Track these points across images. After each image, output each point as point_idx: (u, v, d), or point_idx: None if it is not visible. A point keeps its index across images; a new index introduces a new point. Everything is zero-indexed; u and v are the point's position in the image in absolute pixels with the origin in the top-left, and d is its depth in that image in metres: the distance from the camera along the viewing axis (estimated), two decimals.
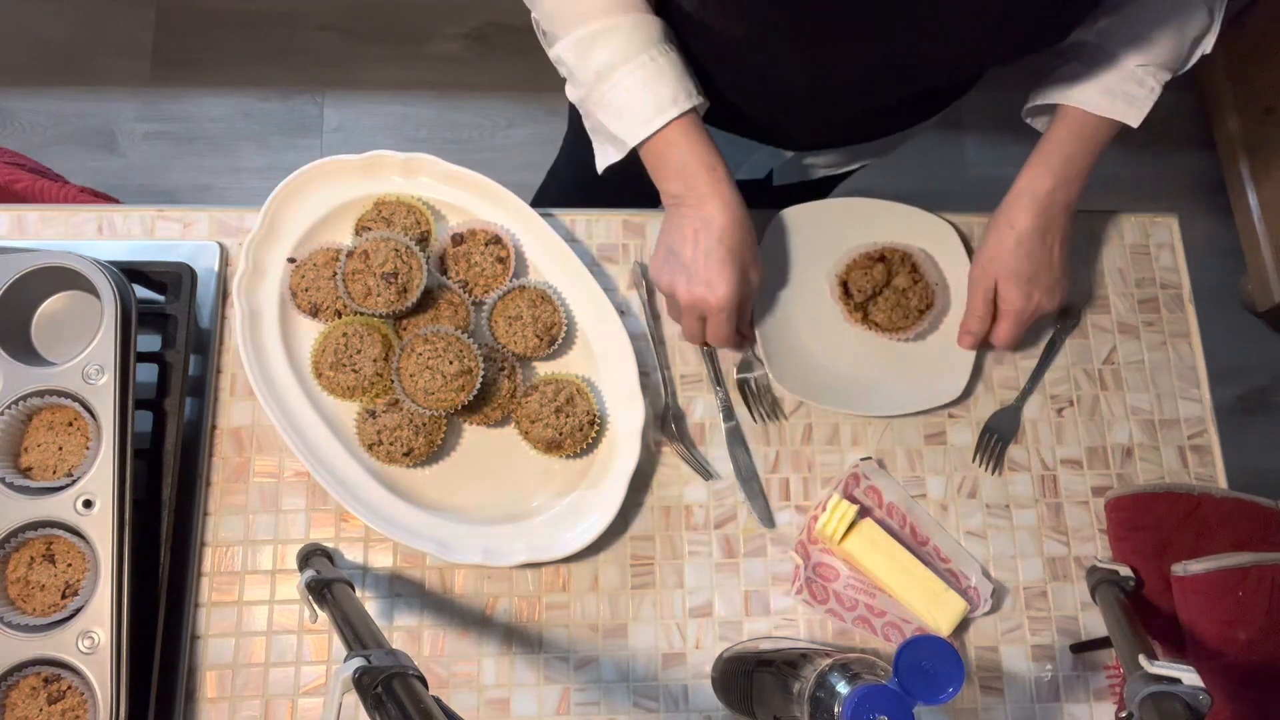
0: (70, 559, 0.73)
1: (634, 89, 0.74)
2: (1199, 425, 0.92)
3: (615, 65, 0.74)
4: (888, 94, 0.86)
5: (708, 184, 0.76)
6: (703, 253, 0.77)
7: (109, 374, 0.73)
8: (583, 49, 0.75)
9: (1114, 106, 0.79)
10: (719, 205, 0.76)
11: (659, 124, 0.74)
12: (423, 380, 0.78)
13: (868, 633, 0.82)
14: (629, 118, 0.75)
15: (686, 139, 0.75)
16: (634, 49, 0.74)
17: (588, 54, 0.75)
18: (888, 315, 0.88)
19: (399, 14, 2.04)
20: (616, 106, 0.75)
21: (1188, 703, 0.58)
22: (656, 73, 0.74)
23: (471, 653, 0.80)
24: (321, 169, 0.85)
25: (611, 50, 0.74)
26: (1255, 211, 2.01)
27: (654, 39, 0.75)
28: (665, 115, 0.74)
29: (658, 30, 0.75)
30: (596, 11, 0.74)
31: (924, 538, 0.85)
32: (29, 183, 1.09)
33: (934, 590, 0.81)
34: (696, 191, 0.76)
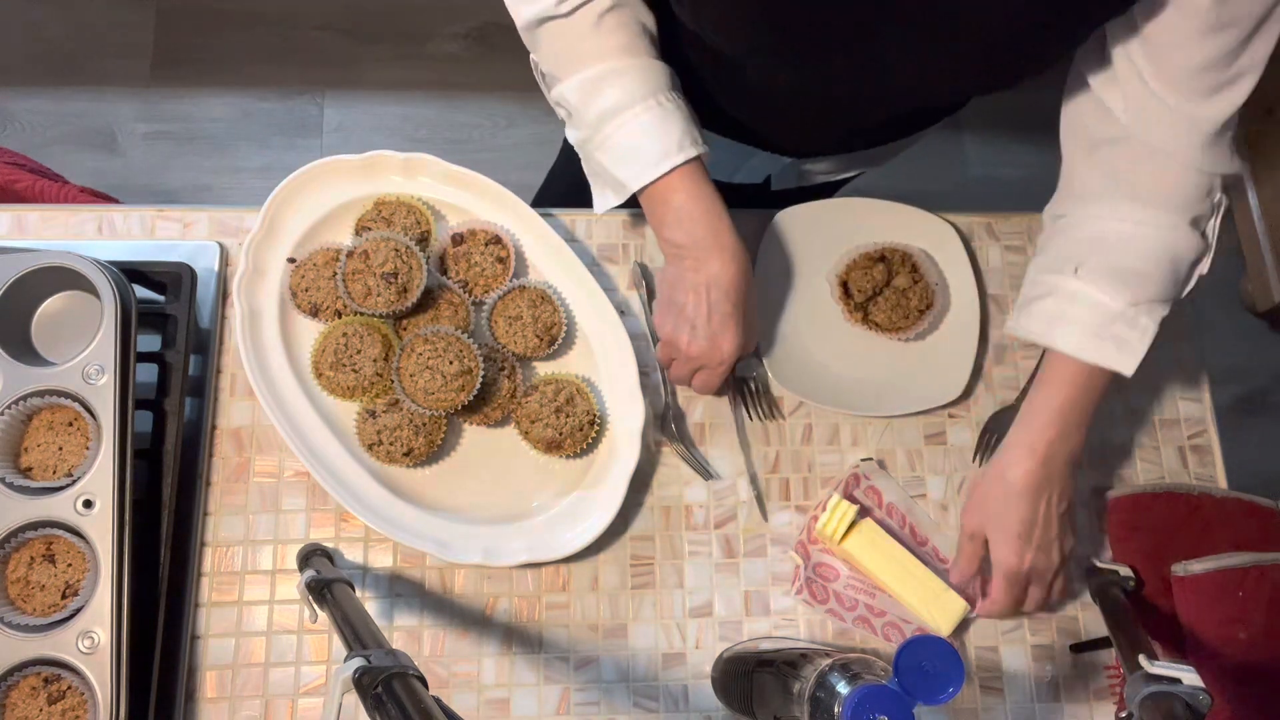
0: (70, 559, 0.73)
1: (640, 133, 0.73)
2: (1199, 425, 0.92)
3: (622, 108, 0.73)
4: (880, 111, 0.86)
5: (711, 235, 0.75)
6: (707, 307, 0.76)
7: (109, 374, 0.73)
8: (588, 90, 0.74)
9: (1103, 352, 0.73)
10: (724, 260, 0.75)
11: (664, 169, 0.73)
12: (423, 380, 0.78)
13: (868, 632, 0.82)
14: (633, 162, 0.74)
15: (691, 186, 0.74)
16: (642, 93, 0.73)
17: (593, 96, 0.73)
18: (888, 315, 0.88)
19: (399, 14, 2.04)
20: (621, 150, 0.74)
21: (1188, 703, 0.58)
22: (663, 117, 0.73)
23: (471, 653, 0.80)
24: (321, 169, 0.85)
25: (618, 93, 0.73)
26: (1255, 211, 2.01)
27: (662, 85, 0.74)
28: (671, 161, 0.73)
29: (665, 77, 0.75)
30: (604, 54, 0.73)
31: (923, 538, 0.85)
32: (29, 183, 1.09)
33: (934, 590, 0.81)
34: (701, 244, 0.75)
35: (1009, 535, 0.77)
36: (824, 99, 0.82)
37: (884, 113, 0.86)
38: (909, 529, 0.85)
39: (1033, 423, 0.77)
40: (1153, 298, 0.73)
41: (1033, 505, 0.76)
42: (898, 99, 0.82)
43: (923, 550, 0.85)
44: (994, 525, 0.78)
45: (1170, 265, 0.73)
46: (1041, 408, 0.76)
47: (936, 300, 0.89)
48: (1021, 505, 0.76)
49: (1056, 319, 0.75)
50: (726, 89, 0.85)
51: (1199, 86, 0.66)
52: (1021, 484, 0.76)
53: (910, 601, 0.81)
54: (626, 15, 0.73)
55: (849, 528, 0.81)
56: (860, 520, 0.81)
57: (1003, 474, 0.77)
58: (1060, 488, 0.77)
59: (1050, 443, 0.75)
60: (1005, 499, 0.77)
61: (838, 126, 0.90)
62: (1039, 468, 0.76)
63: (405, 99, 2.01)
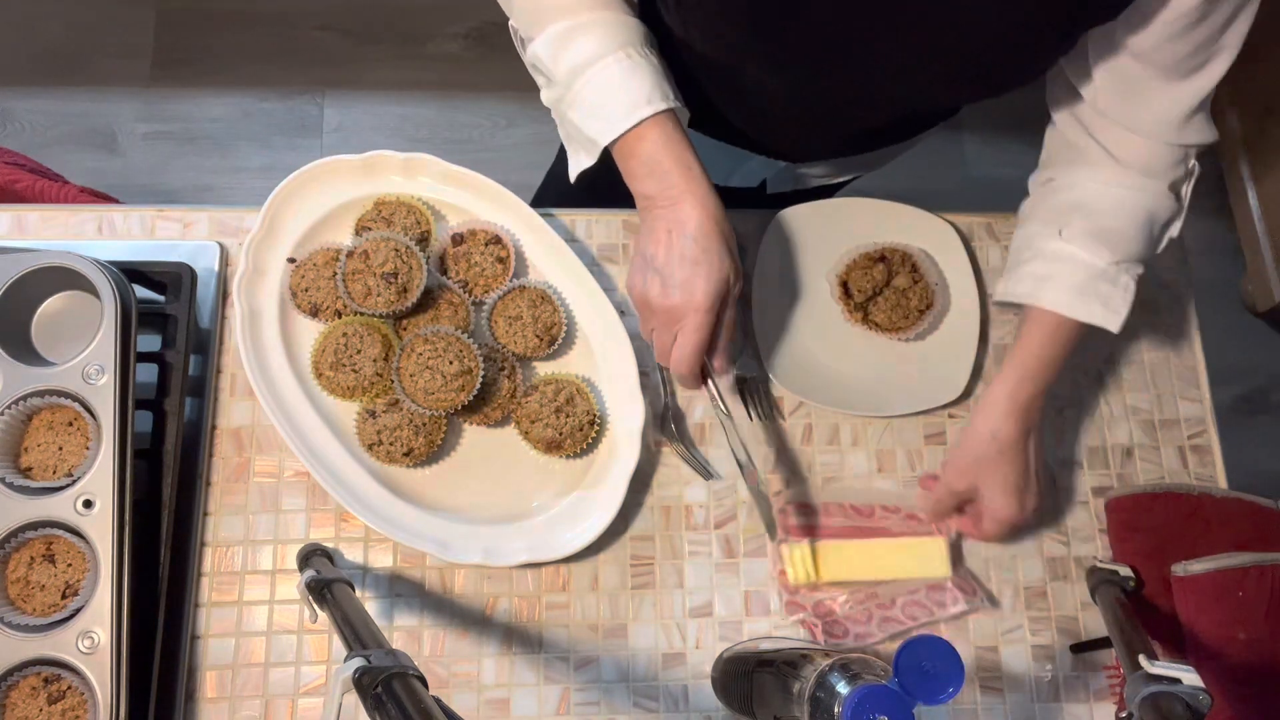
0: (70, 559, 0.73)
1: (609, 85, 0.70)
2: (1199, 425, 0.92)
3: (591, 60, 0.70)
4: (873, 117, 0.86)
5: (681, 181, 0.71)
6: (676, 254, 0.71)
7: (109, 374, 0.73)
8: (558, 44, 0.71)
9: (1090, 310, 0.76)
10: (693, 203, 0.71)
11: (633, 121, 0.70)
12: (423, 380, 0.78)
13: (894, 626, 0.82)
14: (602, 115, 0.71)
15: (661, 136, 0.70)
16: (612, 45, 0.70)
17: (563, 49, 0.71)
18: (888, 315, 0.88)
19: (399, 14, 2.04)
20: (590, 104, 0.71)
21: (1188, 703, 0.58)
22: (632, 69, 0.70)
23: (471, 653, 0.80)
24: (321, 169, 0.85)
25: (589, 45, 0.70)
26: (1255, 211, 2.01)
27: (633, 40, 0.72)
28: (640, 113, 0.70)
29: (638, 32, 0.72)
30: (575, 8, 0.70)
31: (868, 510, 0.85)
32: (29, 183, 1.09)
33: (913, 549, 0.83)
34: (669, 191, 0.71)
35: (1008, 489, 0.79)
36: (817, 105, 0.82)
37: (877, 119, 0.87)
38: (852, 512, 0.85)
39: (1014, 377, 0.79)
40: (1132, 257, 0.77)
41: (1024, 456, 0.80)
42: (889, 106, 0.82)
43: (878, 522, 0.85)
44: (990, 482, 0.80)
45: (1148, 226, 0.77)
46: (1024, 365, 0.79)
47: (936, 300, 0.89)
48: (1016, 459, 0.79)
49: (1044, 280, 0.78)
50: (720, 93, 0.85)
51: (1179, 68, 0.68)
52: (1012, 440, 0.78)
53: (904, 573, 0.82)
54: None
55: (815, 561, 0.82)
56: (816, 545, 0.82)
57: (993, 433, 0.79)
58: (1039, 432, 0.81)
59: (1031, 396, 0.79)
60: (999, 456, 0.79)
61: (832, 132, 0.90)
62: (1023, 420, 0.79)
63: (405, 99, 2.01)
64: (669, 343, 0.74)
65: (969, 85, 0.71)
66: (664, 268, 0.71)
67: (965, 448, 0.81)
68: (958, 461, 0.81)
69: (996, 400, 0.79)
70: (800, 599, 0.82)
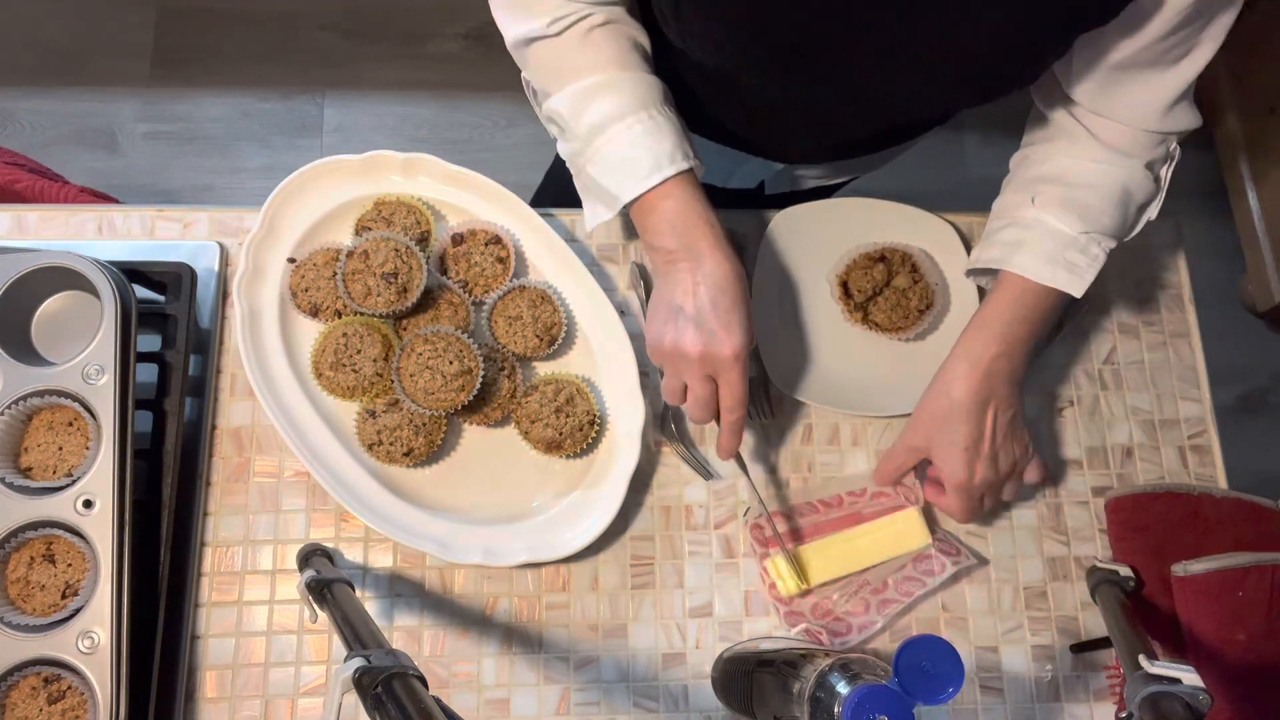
0: (70, 559, 0.73)
1: (631, 145, 0.72)
2: (1199, 425, 0.92)
3: (613, 119, 0.71)
4: (870, 124, 0.86)
5: (706, 239, 0.73)
6: (709, 302, 0.72)
7: (109, 374, 0.73)
8: (579, 102, 0.72)
9: (1055, 275, 0.76)
10: (718, 259, 0.72)
11: (655, 181, 0.71)
12: (423, 380, 0.78)
13: (893, 609, 0.82)
14: (625, 172, 0.72)
15: (683, 194, 0.72)
16: (633, 105, 0.72)
17: (584, 108, 0.72)
18: (888, 315, 0.88)
19: (399, 14, 2.04)
20: (612, 161, 0.73)
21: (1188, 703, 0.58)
22: (655, 129, 0.72)
23: (471, 653, 0.80)
24: (321, 169, 0.85)
25: (610, 104, 0.71)
26: (1255, 211, 2.01)
27: (654, 99, 0.73)
28: (662, 173, 0.71)
29: (658, 91, 0.74)
30: (596, 67, 0.72)
31: (836, 500, 0.86)
32: (29, 183, 1.09)
33: (889, 527, 0.83)
34: (694, 247, 0.73)
35: (955, 449, 0.77)
36: (813, 111, 0.83)
37: (873, 125, 0.87)
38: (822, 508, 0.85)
39: (976, 338, 0.78)
40: (1103, 230, 0.77)
41: (978, 419, 0.77)
42: (885, 114, 0.83)
43: (849, 508, 0.85)
44: (940, 441, 0.78)
45: (1122, 203, 0.77)
46: (986, 325, 0.78)
47: (936, 300, 0.89)
48: (969, 419, 0.77)
49: (1015, 245, 0.78)
50: (717, 100, 0.86)
51: (1162, 60, 0.68)
52: (967, 399, 0.76)
53: (887, 554, 0.83)
54: (617, 30, 0.73)
55: (801, 568, 0.82)
56: (799, 549, 0.82)
57: (947, 390, 0.77)
58: (1003, 399, 0.78)
59: (994, 358, 0.77)
60: (950, 414, 0.77)
61: (829, 136, 0.90)
62: (982, 382, 0.77)
63: (405, 99, 2.01)
64: (707, 393, 0.75)
65: (963, 93, 0.72)
66: (697, 315, 0.72)
67: (922, 405, 0.80)
68: (914, 418, 0.80)
69: (955, 358, 0.78)
70: (797, 607, 0.82)
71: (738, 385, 0.74)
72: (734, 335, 0.72)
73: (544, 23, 0.71)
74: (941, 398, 0.78)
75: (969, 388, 0.77)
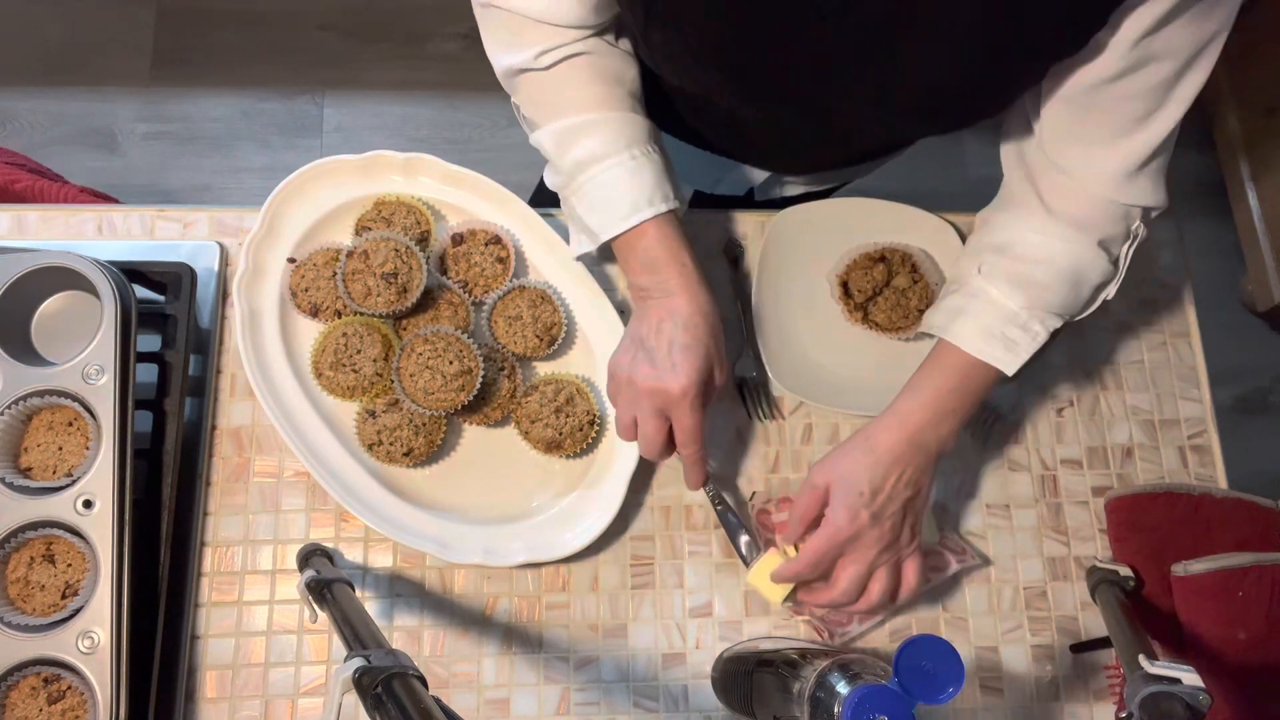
0: (70, 559, 0.73)
1: (612, 185, 0.73)
2: (1199, 425, 0.92)
3: (595, 160, 0.73)
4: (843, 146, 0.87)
5: (677, 278, 0.74)
6: (666, 339, 0.73)
7: (109, 374, 0.73)
8: (564, 140, 0.74)
9: (990, 350, 0.73)
10: (686, 298, 0.73)
11: (634, 221, 0.73)
12: (423, 380, 0.78)
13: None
14: (604, 212, 0.74)
15: (659, 235, 0.73)
16: (615, 146, 0.72)
17: (568, 146, 0.73)
18: (888, 315, 0.88)
19: (399, 14, 2.04)
20: (593, 199, 0.74)
21: (1188, 703, 0.58)
22: (636, 170, 0.73)
23: (471, 653, 0.80)
24: (321, 169, 0.85)
25: (593, 145, 0.73)
26: (1255, 211, 2.01)
27: (638, 138, 0.73)
28: (640, 214, 0.73)
29: (642, 130, 0.74)
30: (581, 106, 0.73)
31: None
32: (29, 183, 1.09)
33: None
34: (665, 285, 0.74)
35: (851, 492, 0.73)
36: (788, 133, 0.84)
37: (848, 147, 0.88)
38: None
39: (909, 400, 0.75)
40: (1047, 307, 0.74)
41: (885, 472, 0.73)
42: (859, 138, 0.84)
43: None
44: (840, 481, 0.74)
45: (1071, 281, 0.73)
46: (919, 389, 0.76)
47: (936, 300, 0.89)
48: (876, 468, 0.73)
49: (957, 313, 0.76)
50: (696, 116, 0.87)
51: (1121, 118, 0.66)
52: (883, 449, 0.74)
53: None
54: (604, 66, 0.73)
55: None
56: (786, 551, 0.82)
57: (868, 437, 0.75)
58: (917, 469, 0.74)
59: (921, 425, 0.74)
60: (861, 457, 0.74)
61: (805, 155, 0.91)
62: (905, 441, 0.74)
63: (405, 99, 2.01)
64: (656, 428, 0.74)
65: (931, 123, 0.72)
66: (653, 350, 0.73)
67: (839, 448, 0.76)
68: (825, 460, 0.76)
69: (887, 413, 0.76)
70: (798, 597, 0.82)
71: (687, 421, 0.74)
72: (682, 373, 0.72)
73: (531, 55, 0.71)
74: (860, 443, 0.75)
75: (889, 442, 0.74)
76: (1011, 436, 0.90)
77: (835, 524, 0.73)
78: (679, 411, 0.73)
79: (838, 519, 0.73)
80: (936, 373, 0.76)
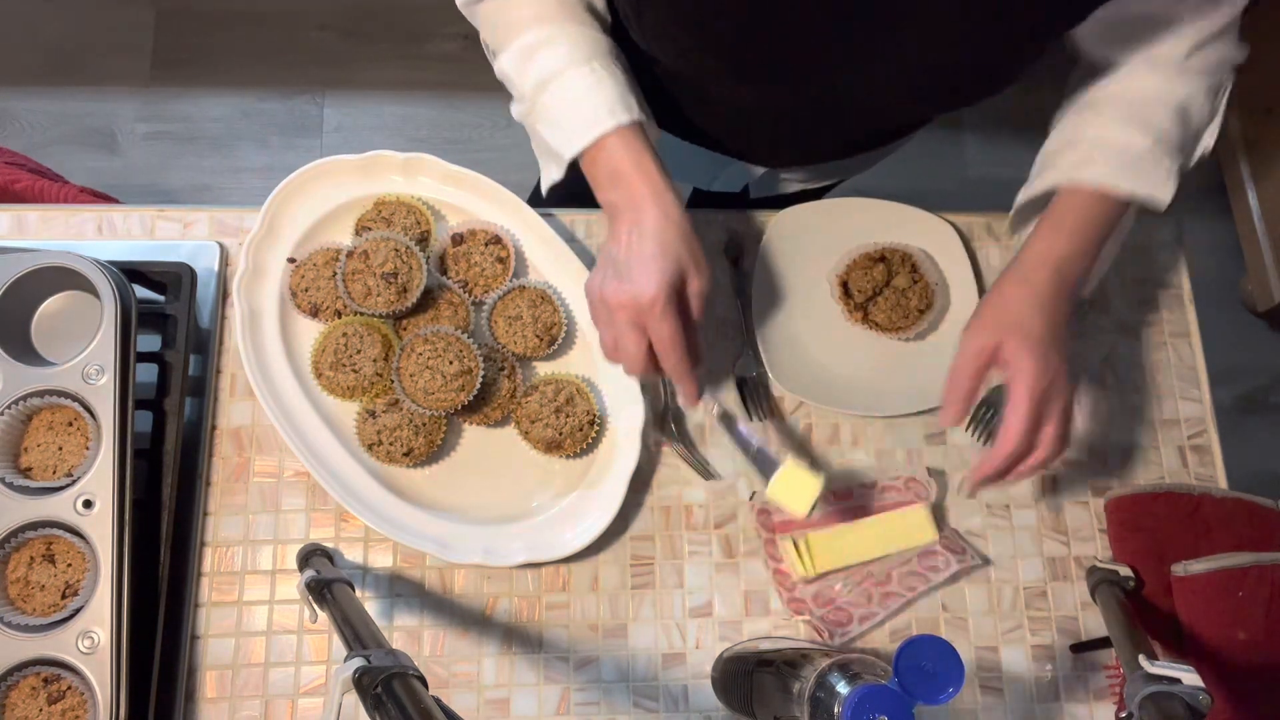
0: (70, 559, 0.73)
1: (573, 99, 0.70)
2: (1199, 425, 0.92)
3: (556, 74, 0.70)
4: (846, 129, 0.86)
5: (642, 188, 0.70)
6: (635, 252, 0.70)
7: (109, 374, 0.73)
8: (523, 59, 0.72)
9: (1137, 181, 0.71)
10: (653, 208, 0.70)
11: (595, 133, 0.70)
12: (423, 380, 0.78)
13: (895, 602, 0.82)
14: (566, 127, 0.71)
15: (624, 146, 0.70)
16: (574, 59, 0.70)
17: (528, 64, 0.71)
18: (888, 315, 0.88)
19: (399, 14, 2.04)
20: (554, 116, 0.71)
21: (1188, 703, 0.58)
22: (596, 83, 0.70)
23: (471, 653, 0.80)
24: (321, 169, 0.85)
25: (553, 59, 0.70)
26: (1255, 211, 2.01)
27: (598, 53, 0.72)
28: (602, 125, 0.70)
29: (603, 46, 0.73)
30: (540, 20, 0.71)
31: (845, 492, 0.86)
32: (29, 183, 1.09)
33: (898, 521, 0.83)
34: (632, 199, 0.71)
35: (1035, 341, 0.69)
36: (782, 119, 0.82)
37: (843, 132, 0.86)
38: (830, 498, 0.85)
39: (1052, 237, 0.73)
40: (1171, 142, 0.72)
41: (1058, 310, 0.71)
42: (858, 119, 0.82)
43: (857, 499, 0.85)
44: (1016, 333, 0.70)
45: (1183, 121, 0.72)
46: (1059, 225, 0.73)
47: (936, 300, 0.89)
48: (1049, 309, 0.70)
49: (1081, 164, 0.73)
50: (691, 104, 0.86)
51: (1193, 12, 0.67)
52: (1048, 288, 0.71)
53: (894, 547, 0.83)
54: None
55: (810, 555, 0.82)
56: (808, 537, 0.82)
57: (1025, 278, 0.72)
58: (1072, 307, 0.72)
59: (1068, 257, 0.72)
60: (1031, 302, 0.71)
61: (804, 140, 0.90)
62: (1057, 275, 0.72)
63: (405, 99, 2.01)
64: (636, 344, 0.71)
65: (936, 100, 0.71)
66: (621, 265, 0.70)
67: (988, 303, 0.74)
68: (976, 319, 0.74)
69: (1030, 254, 0.73)
70: (800, 594, 0.82)
71: (662, 330, 0.69)
72: (652, 282, 0.68)
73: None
74: (1020, 286, 0.72)
75: (1049, 277, 0.71)
76: None
77: (1033, 378, 0.69)
78: (652, 321, 0.69)
79: (1034, 373, 0.69)
80: (1071, 213, 0.73)
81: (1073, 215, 0.73)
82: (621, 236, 0.71)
